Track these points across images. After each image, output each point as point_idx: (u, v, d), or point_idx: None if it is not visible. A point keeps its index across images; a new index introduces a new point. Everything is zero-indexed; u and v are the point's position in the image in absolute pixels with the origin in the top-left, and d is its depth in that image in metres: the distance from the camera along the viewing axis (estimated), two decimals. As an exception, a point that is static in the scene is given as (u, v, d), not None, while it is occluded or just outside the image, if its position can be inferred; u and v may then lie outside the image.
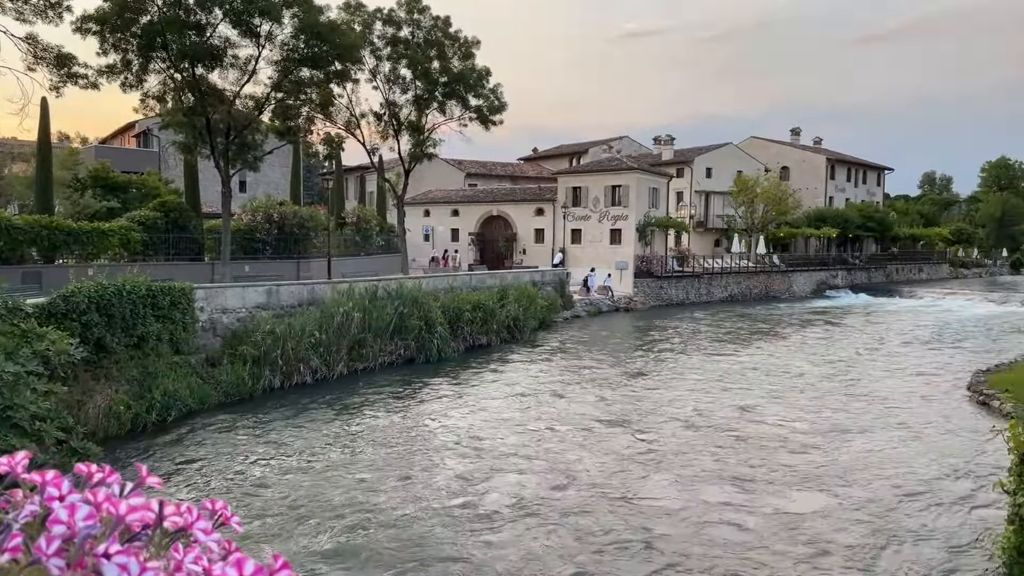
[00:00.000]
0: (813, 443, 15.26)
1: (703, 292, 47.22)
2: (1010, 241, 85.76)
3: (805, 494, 12.09)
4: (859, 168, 71.95)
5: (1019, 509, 6.16)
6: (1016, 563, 6.12)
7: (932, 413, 17.95)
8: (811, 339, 30.73)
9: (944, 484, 12.74)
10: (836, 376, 22.63)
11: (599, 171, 46.54)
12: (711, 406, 17.84)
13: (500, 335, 27.61)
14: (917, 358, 26.12)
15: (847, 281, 58.13)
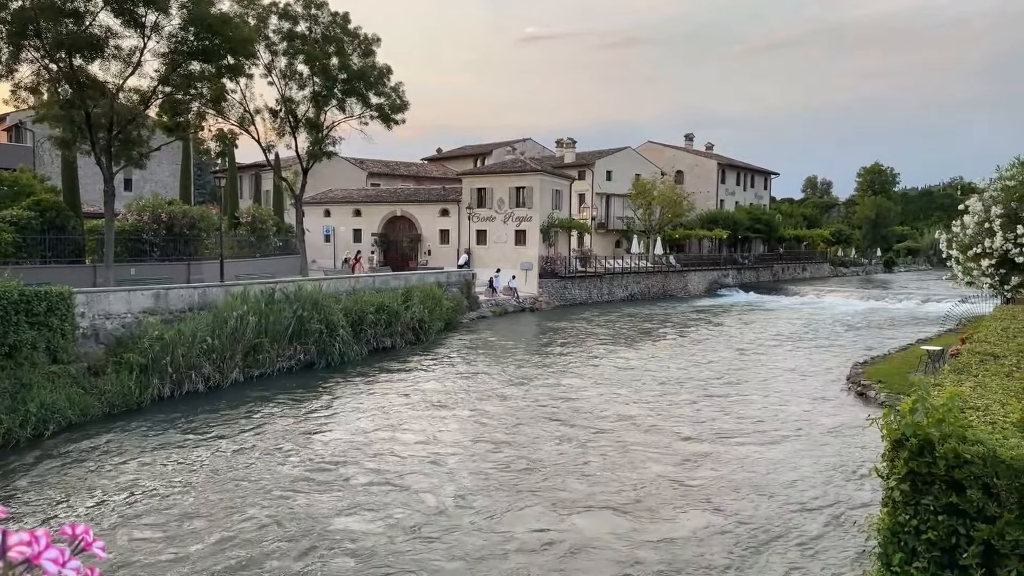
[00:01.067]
0: (698, 436, 15.94)
1: (605, 292, 48.40)
2: (883, 241, 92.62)
3: (691, 488, 12.59)
4: (748, 172, 75.76)
5: (891, 492, 6.61)
6: (890, 543, 6.57)
7: (814, 405, 19.11)
8: (703, 337, 32.07)
9: (827, 471, 13.59)
10: (725, 373, 23.70)
11: (503, 172, 46.87)
12: (603, 410, 18.11)
13: (405, 337, 27.31)
14: (801, 352, 27.75)
15: (737, 280, 61.08)
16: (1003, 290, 21.95)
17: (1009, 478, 6.05)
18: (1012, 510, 6.04)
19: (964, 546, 6.21)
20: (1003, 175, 21.64)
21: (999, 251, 20.74)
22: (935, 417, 6.45)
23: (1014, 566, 5.99)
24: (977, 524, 6.16)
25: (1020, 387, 9.68)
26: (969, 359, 11.31)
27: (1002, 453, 6.12)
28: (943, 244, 23.57)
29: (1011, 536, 5.99)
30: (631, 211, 56.61)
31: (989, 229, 21.06)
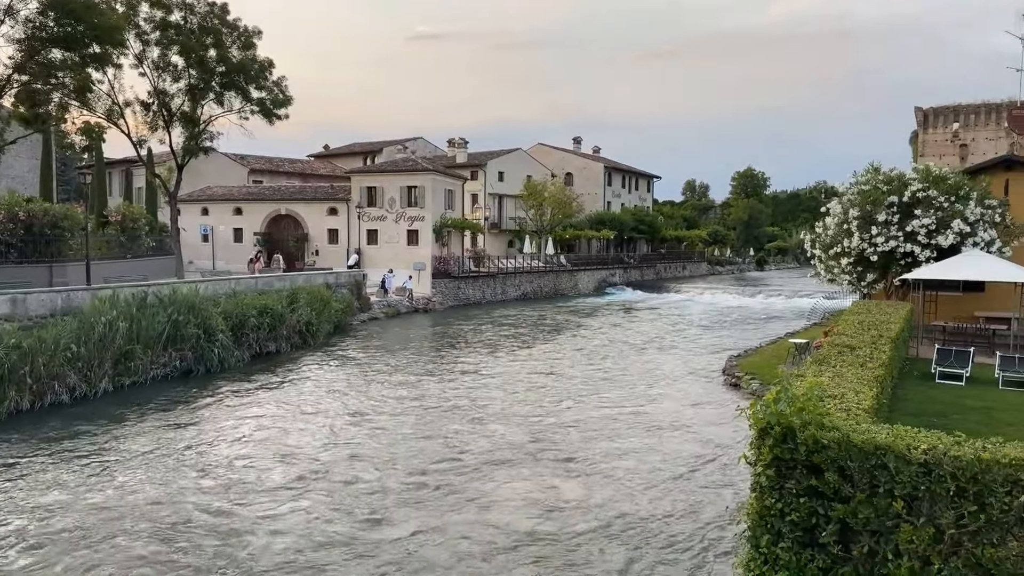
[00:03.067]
0: (581, 429, 16.39)
1: (498, 291, 48.80)
2: (755, 241, 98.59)
3: (568, 487, 12.91)
4: (632, 176, 78.54)
5: (759, 478, 7.05)
6: (758, 525, 7.00)
7: (692, 397, 20.05)
8: (591, 333, 32.97)
9: (703, 460, 14.30)
10: (611, 368, 24.46)
11: (394, 171, 46.28)
12: (489, 409, 18.20)
13: (291, 341, 26.41)
14: (682, 347, 29.06)
15: (624, 279, 63.24)
16: (860, 286, 23.92)
17: (861, 460, 6.58)
18: (864, 490, 6.57)
19: (823, 525, 6.70)
20: (859, 180, 23.56)
21: (856, 250, 22.58)
22: (796, 406, 6.91)
23: (866, 542, 6.53)
24: (834, 504, 6.66)
25: (873, 376, 10.57)
26: (829, 351, 12.24)
27: (855, 438, 6.65)
28: (807, 244, 25.40)
29: (863, 514, 6.52)
30: (523, 211, 57.39)
31: (847, 230, 22.88)
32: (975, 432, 8.90)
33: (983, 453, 6.11)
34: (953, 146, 40.08)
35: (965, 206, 20.97)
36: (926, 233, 21.04)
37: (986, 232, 20.94)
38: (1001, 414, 13.37)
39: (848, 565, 6.60)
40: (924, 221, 20.97)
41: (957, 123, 40.13)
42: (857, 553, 6.54)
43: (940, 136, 40.83)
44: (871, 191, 22.50)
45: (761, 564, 6.93)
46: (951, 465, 6.15)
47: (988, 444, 6.28)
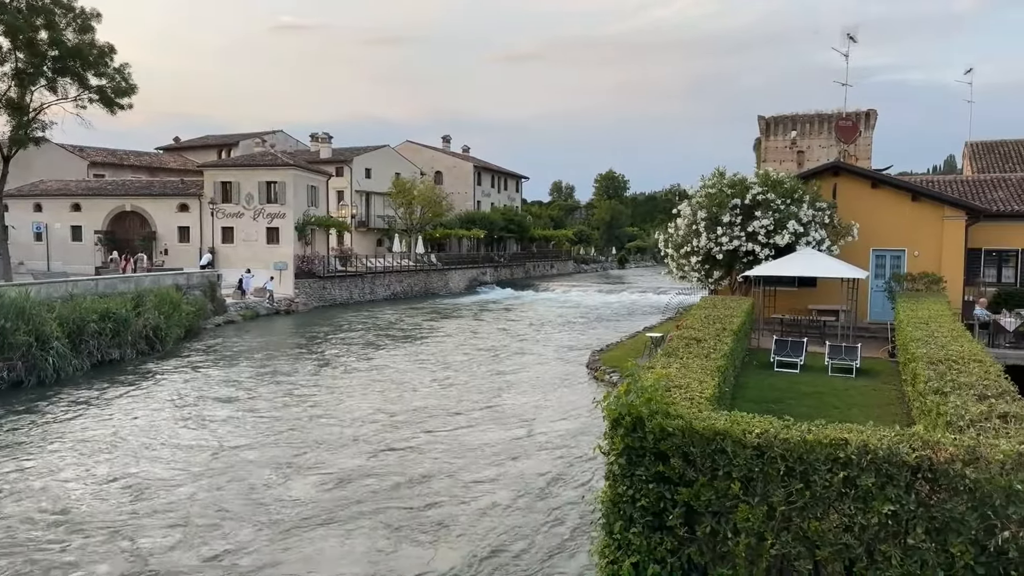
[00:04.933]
0: (446, 426, 16.43)
1: (367, 291, 47.81)
2: (617, 241, 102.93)
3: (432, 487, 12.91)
4: (501, 176, 79.54)
5: (612, 467, 7.32)
6: (611, 512, 7.27)
7: (559, 390, 20.59)
8: (463, 331, 33.07)
9: (564, 451, 14.71)
10: (481, 364, 24.66)
11: (252, 166, 44.13)
12: (351, 417, 17.83)
13: (137, 347, 24.55)
14: (549, 342, 29.77)
15: (494, 277, 63.96)
16: (708, 283, 25.49)
17: (702, 446, 6.98)
18: (705, 474, 6.98)
19: (670, 509, 7.04)
20: (706, 184, 25.09)
21: (704, 249, 24.03)
22: (645, 397, 7.22)
23: (708, 522, 6.93)
24: (679, 489, 7.02)
25: (715, 366, 11.28)
26: (678, 343, 12.93)
27: (696, 425, 7.05)
28: (661, 244, 26.76)
29: (705, 497, 6.92)
30: (392, 210, 56.58)
31: (696, 230, 24.31)
32: (807, 415, 9.71)
33: (808, 435, 6.65)
34: (792, 152, 43.56)
35: (799, 208, 22.86)
36: (765, 233, 22.72)
37: (817, 232, 22.93)
38: (829, 398, 14.69)
39: (693, 545, 6.98)
40: (763, 222, 22.65)
41: (795, 131, 43.66)
42: (701, 533, 6.93)
43: (780, 143, 44.26)
44: (717, 194, 24.02)
45: (615, 550, 7.20)
46: (781, 447, 6.65)
47: (813, 427, 6.85)
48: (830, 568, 6.54)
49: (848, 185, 25.05)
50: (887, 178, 26.43)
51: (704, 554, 6.93)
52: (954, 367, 10.69)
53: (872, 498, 6.30)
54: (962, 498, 6.06)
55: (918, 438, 6.48)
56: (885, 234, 24.24)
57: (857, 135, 40.55)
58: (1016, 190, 26.08)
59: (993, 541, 5.95)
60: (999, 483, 5.96)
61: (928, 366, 11.12)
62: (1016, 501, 5.90)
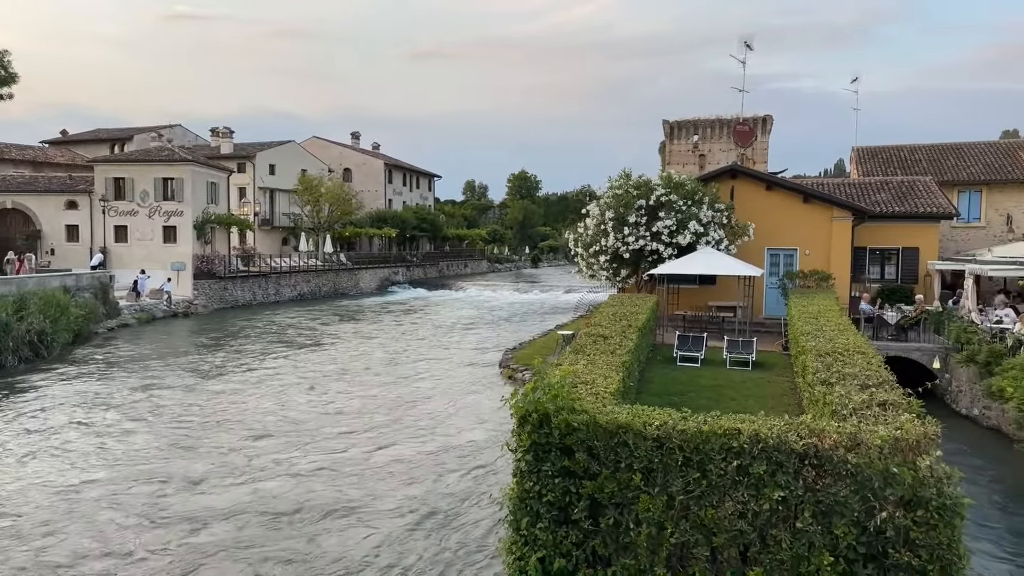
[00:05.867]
0: (358, 429, 16.16)
1: (272, 292, 46.32)
2: (530, 240, 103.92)
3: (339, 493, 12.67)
4: (413, 174, 78.78)
5: (519, 463, 7.38)
6: (519, 509, 7.32)
7: (469, 390, 20.61)
8: (374, 332, 32.56)
9: (474, 448, 14.73)
10: (392, 366, 24.37)
11: (147, 161, 41.93)
12: (252, 425, 17.39)
13: (19, 354, 22.89)
14: (463, 342, 29.73)
15: (407, 277, 63.29)
16: (616, 281, 26.10)
17: (606, 440, 7.13)
18: (609, 467, 7.13)
19: (575, 503, 7.16)
20: (613, 185, 25.68)
21: (611, 248, 24.58)
22: (551, 393, 7.31)
23: (611, 514, 7.08)
24: (584, 482, 7.14)
25: (620, 362, 11.55)
26: (585, 340, 13.17)
27: (600, 419, 7.19)
28: (571, 243, 27.20)
29: (608, 489, 7.07)
30: (298, 208, 55.02)
31: (604, 230, 24.83)
32: (706, 407, 10.05)
33: (704, 426, 6.91)
34: (694, 156, 45.12)
35: (700, 209, 23.73)
36: (669, 233, 23.47)
37: (716, 232, 23.86)
38: (727, 390, 15.31)
39: (597, 538, 7.12)
40: (667, 222, 23.38)
41: (697, 135, 45.26)
42: (604, 525, 7.08)
43: (683, 147, 45.76)
44: (623, 195, 24.62)
45: (522, 546, 7.25)
46: (679, 438, 6.88)
47: (708, 418, 7.11)
48: (726, 554, 6.81)
49: (745, 187, 26.20)
50: (780, 181, 27.80)
51: (608, 546, 7.08)
52: (840, 359, 11.36)
53: (764, 485, 6.60)
54: (845, 482, 6.43)
55: (805, 427, 6.83)
56: (779, 234, 25.50)
57: (754, 139, 42.46)
58: (897, 193, 28.00)
59: (873, 522, 6.34)
60: (877, 467, 6.36)
61: (816, 358, 11.76)
62: (893, 484, 6.31)
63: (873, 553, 6.39)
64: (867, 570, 6.35)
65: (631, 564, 6.97)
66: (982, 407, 17.59)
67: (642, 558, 6.93)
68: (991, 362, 16.47)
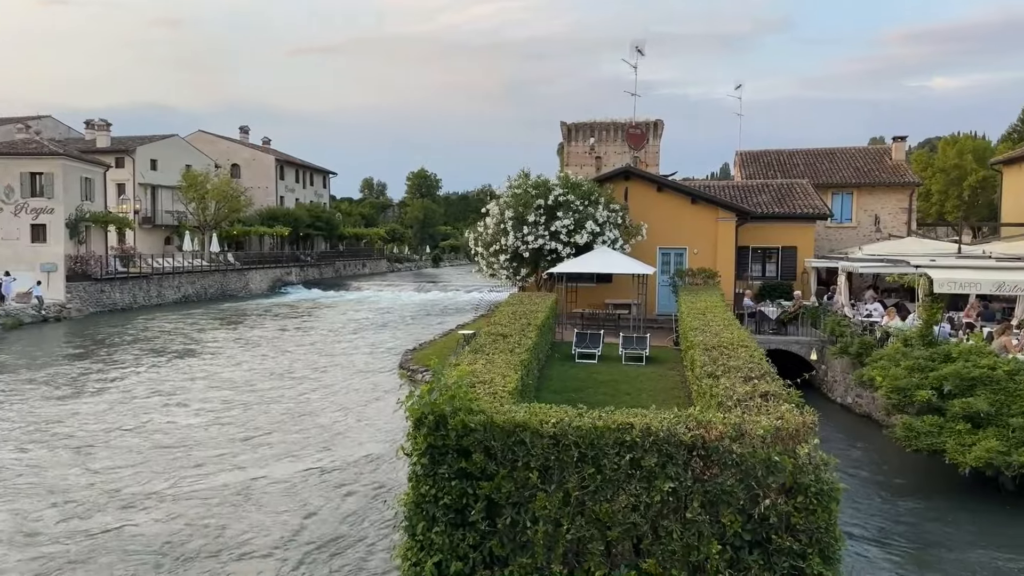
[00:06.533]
0: (253, 438, 15.50)
1: (154, 294, 43.71)
2: (431, 239, 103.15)
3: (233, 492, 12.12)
4: (307, 170, 76.43)
5: (415, 467, 7.22)
6: (414, 513, 7.17)
7: (368, 392, 20.17)
8: (265, 336, 31.30)
9: (373, 461, 14.37)
10: (285, 371, 23.51)
11: (13, 154, 38.55)
12: (131, 438, 16.43)
13: None
14: (361, 344, 29.07)
15: (301, 277, 61.33)
16: (516, 280, 26.28)
17: (503, 439, 7.08)
18: (506, 466, 7.08)
19: (472, 504, 7.07)
20: (513, 185, 25.83)
21: (511, 248, 24.72)
22: (448, 394, 7.19)
23: (509, 514, 7.03)
24: (481, 483, 7.07)
25: (519, 360, 11.57)
26: (485, 340, 13.12)
27: (497, 419, 7.13)
28: (471, 242, 27.15)
29: (506, 489, 7.02)
30: (183, 205, 52.20)
31: (504, 229, 24.94)
32: (603, 403, 10.23)
33: (598, 422, 6.99)
34: (591, 158, 46.07)
35: (596, 209, 24.25)
36: (567, 232, 23.85)
37: (612, 232, 24.46)
38: (622, 385, 15.69)
39: (495, 538, 7.06)
40: (565, 222, 23.76)
41: (593, 138, 46.26)
42: (501, 526, 7.03)
43: (580, 148, 46.66)
44: (522, 195, 24.82)
45: (417, 551, 7.10)
46: (574, 435, 6.93)
47: (603, 413, 7.20)
48: (620, 547, 6.92)
49: (638, 188, 27.00)
50: (670, 183, 28.84)
51: (505, 546, 7.04)
52: (725, 352, 11.84)
53: (655, 477, 6.75)
54: (730, 472, 6.67)
55: (693, 418, 7.04)
56: (670, 234, 26.43)
57: (646, 143, 43.86)
58: (776, 195, 29.64)
59: (757, 509, 6.61)
60: (760, 456, 6.63)
61: (704, 352, 12.22)
62: (775, 471, 6.59)
63: (758, 540, 6.65)
64: (752, 556, 6.61)
65: (528, 563, 6.97)
66: (855, 396, 18.87)
67: (539, 556, 6.94)
68: (862, 353, 17.66)
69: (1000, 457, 11.57)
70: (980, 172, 57.31)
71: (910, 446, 12.88)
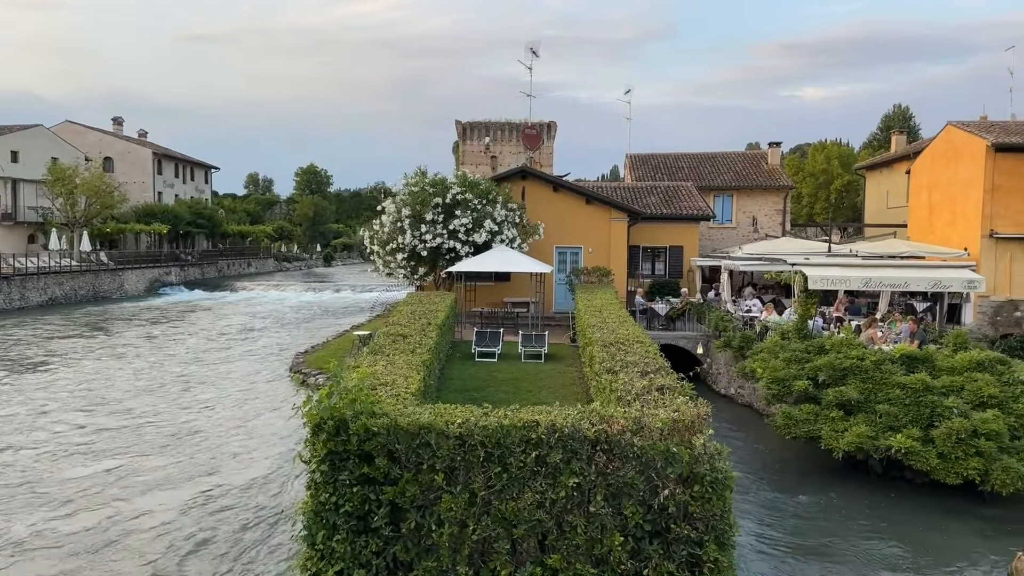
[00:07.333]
0: (135, 451, 14.55)
1: (16, 297, 40.10)
2: (322, 237, 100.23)
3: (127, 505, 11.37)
4: (187, 165, 72.47)
5: (314, 475, 6.95)
6: (314, 522, 6.91)
7: (258, 396, 19.35)
8: (143, 341, 29.42)
9: (266, 464, 13.81)
10: (167, 378, 22.19)
11: None
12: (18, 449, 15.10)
13: None
14: (248, 347, 27.82)
15: (181, 278, 58.10)
16: (414, 279, 25.97)
17: (407, 442, 6.93)
18: (410, 469, 6.94)
19: (375, 510, 6.89)
20: (409, 183, 25.51)
21: (409, 246, 24.41)
22: (348, 398, 6.97)
23: (413, 517, 6.90)
24: (384, 488, 6.89)
25: (421, 360, 11.41)
26: (384, 340, 12.86)
27: (401, 421, 6.98)
28: (366, 240, 26.60)
29: (410, 492, 6.88)
30: (48, 200, 48.15)
31: (401, 228, 24.59)
32: (505, 401, 10.28)
33: (504, 420, 6.98)
34: (486, 157, 46.27)
35: (494, 208, 24.35)
36: (465, 231, 23.81)
37: (510, 231, 24.63)
38: (523, 383, 15.82)
39: (399, 543, 6.92)
40: (463, 221, 23.71)
41: (488, 137, 46.48)
42: (406, 530, 6.90)
43: (476, 147, 46.79)
44: (420, 192, 24.56)
45: (318, 561, 6.86)
46: (481, 434, 6.89)
47: (508, 411, 7.21)
48: (525, 545, 6.95)
49: (535, 188, 27.34)
50: (565, 183, 29.41)
51: (410, 551, 6.91)
52: (622, 348, 12.18)
53: (560, 473, 6.83)
54: (632, 464, 6.85)
55: (596, 414, 7.17)
56: (566, 233, 26.95)
57: (540, 144, 44.59)
58: (664, 196, 30.83)
59: (657, 500, 6.81)
60: (659, 448, 6.85)
61: (602, 348, 12.51)
62: (673, 462, 6.82)
63: (658, 529, 6.86)
64: (653, 546, 6.81)
65: (433, 566, 6.87)
66: (737, 387, 19.92)
67: (444, 559, 6.86)
68: (744, 347, 18.67)
69: (869, 442, 12.52)
70: (845, 177, 61.98)
71: (789, 433, 13.74)
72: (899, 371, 13.37)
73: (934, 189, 27.80)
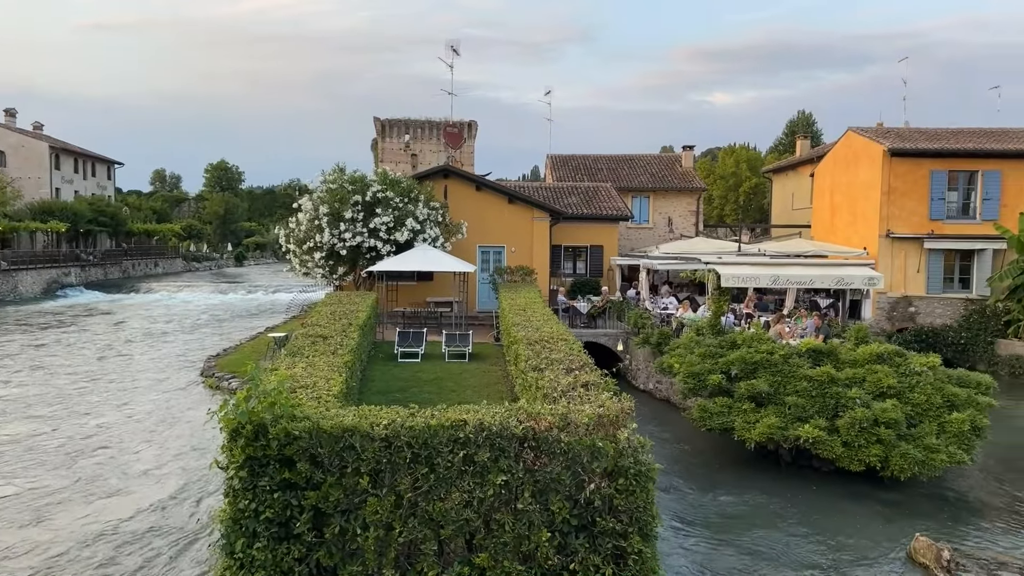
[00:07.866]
0: (40, 463, 13.63)
1: None
2: (234, 236, 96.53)
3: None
4: (88, 160, 68.49)
5: (232, 481, 6.68)
6: (232, 531, 6.63)
7: (168, 404, 18.43)
8: (43, 345, 27.57)
9: (176, 472, 13.18)
10: (69, 386, 20.90)
11: None
12: None
13: None
14: (155, 351, 26.49)
15: (82, 278, 54.82)
16: (332, 279, 25.39)
17: (331, 445, 6.76)
18: (334, 473, 6.77)
19: (297, 516, 6.68)
20: (327, 180, 24.92)
21: (327, 245, 23.85)
22: (267, 401, 6.74)
23: (337, 522, 6.73)
24: (307, 493, 6.69)
25: (342, 362, 11.15)
26: (303, 342, 12.51)
27: (324, 424, 6.80)
28: (282, 239, 25.84)
29: (334, 497, 6.71)
30: (-73, 196, 44.54)
31: (319, 226, 23.99)
32: (430, 401, 10.16)
33: (432, 420, 6.90)
34: (406, 155, 45.80)
35: (416, 207, 24.09)
36: (386, 230, 23.45)
37: (433, 230, 24.43)
38: (447, 382, 15.72)
39: (322, 549, 6.74)
40: (384, 219, 23.35)
41: (408, 135, 46.00)
42: (329, 535, 6.72)
43: (395, 145, 46.21)
44: (338, 190, 24.03)
45: (237, 570, 6.60)
46: (407, 435, 6.79)
47: (436, 411, 7.13)
48: (453, 545, 6.90)
49: (457, 187, 27.25)
50: (488, 182, 29.44)
51: (334, 556, 6.75)
52: (547, 346, 12.28)
53: (488, 471, 6.81)
54: (559, 460, 6.90)
55: (524, 411, 7.19)
56: (489, 232, 26.98)
57: (462, 142, 44.47)
58: (584, 197, 31.32)
59: (583, 494, 6.89)
60: (585, 443, 6.93)
61: (527, 346, 12.58)
62: (598, 457, 6.91)
63: (584, 524, 6.94)
64: (579, 540, 6.88)
65: (358, 570, 6.73)
66: (655, 382, 20.44)
67: (370, 563, 6.72)
68: (661, 343, 19.17)
69: (779, 432, 13.09)
70: (753, 179, 64.68)
71: (704, 426, 14.20)
72: (806, 364, 14.02)
73: (836, 191, 29.37)
